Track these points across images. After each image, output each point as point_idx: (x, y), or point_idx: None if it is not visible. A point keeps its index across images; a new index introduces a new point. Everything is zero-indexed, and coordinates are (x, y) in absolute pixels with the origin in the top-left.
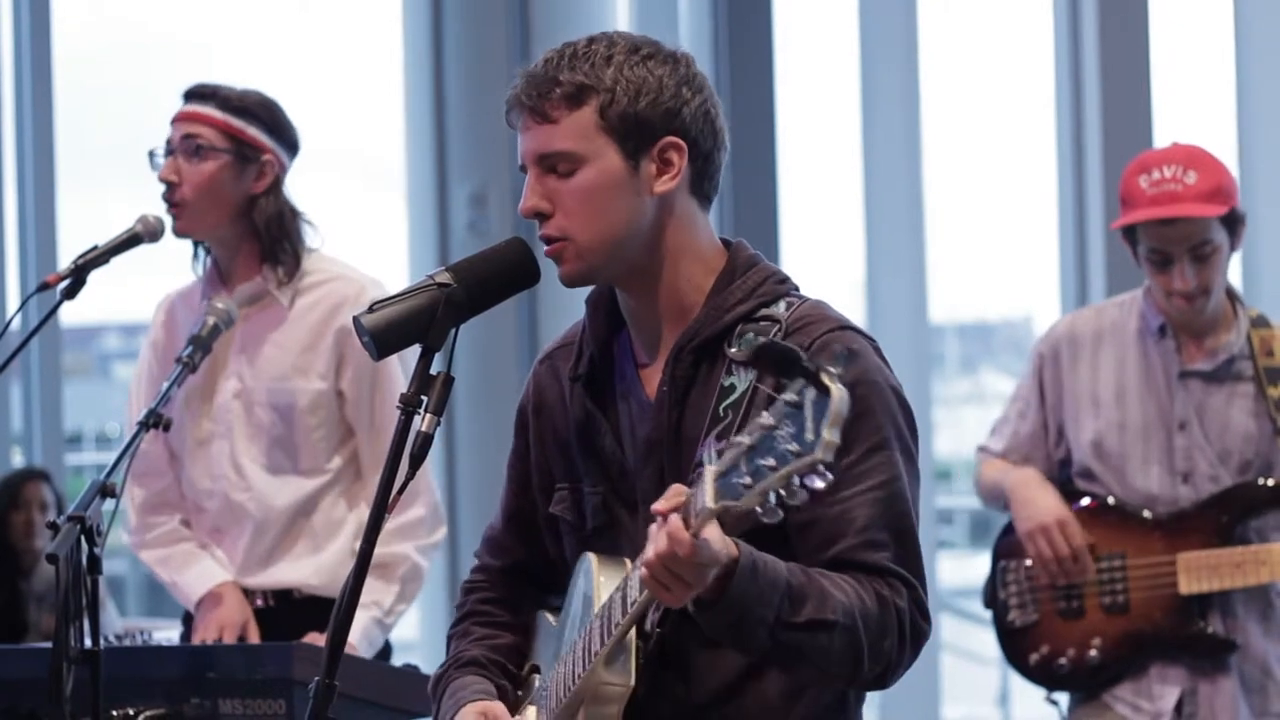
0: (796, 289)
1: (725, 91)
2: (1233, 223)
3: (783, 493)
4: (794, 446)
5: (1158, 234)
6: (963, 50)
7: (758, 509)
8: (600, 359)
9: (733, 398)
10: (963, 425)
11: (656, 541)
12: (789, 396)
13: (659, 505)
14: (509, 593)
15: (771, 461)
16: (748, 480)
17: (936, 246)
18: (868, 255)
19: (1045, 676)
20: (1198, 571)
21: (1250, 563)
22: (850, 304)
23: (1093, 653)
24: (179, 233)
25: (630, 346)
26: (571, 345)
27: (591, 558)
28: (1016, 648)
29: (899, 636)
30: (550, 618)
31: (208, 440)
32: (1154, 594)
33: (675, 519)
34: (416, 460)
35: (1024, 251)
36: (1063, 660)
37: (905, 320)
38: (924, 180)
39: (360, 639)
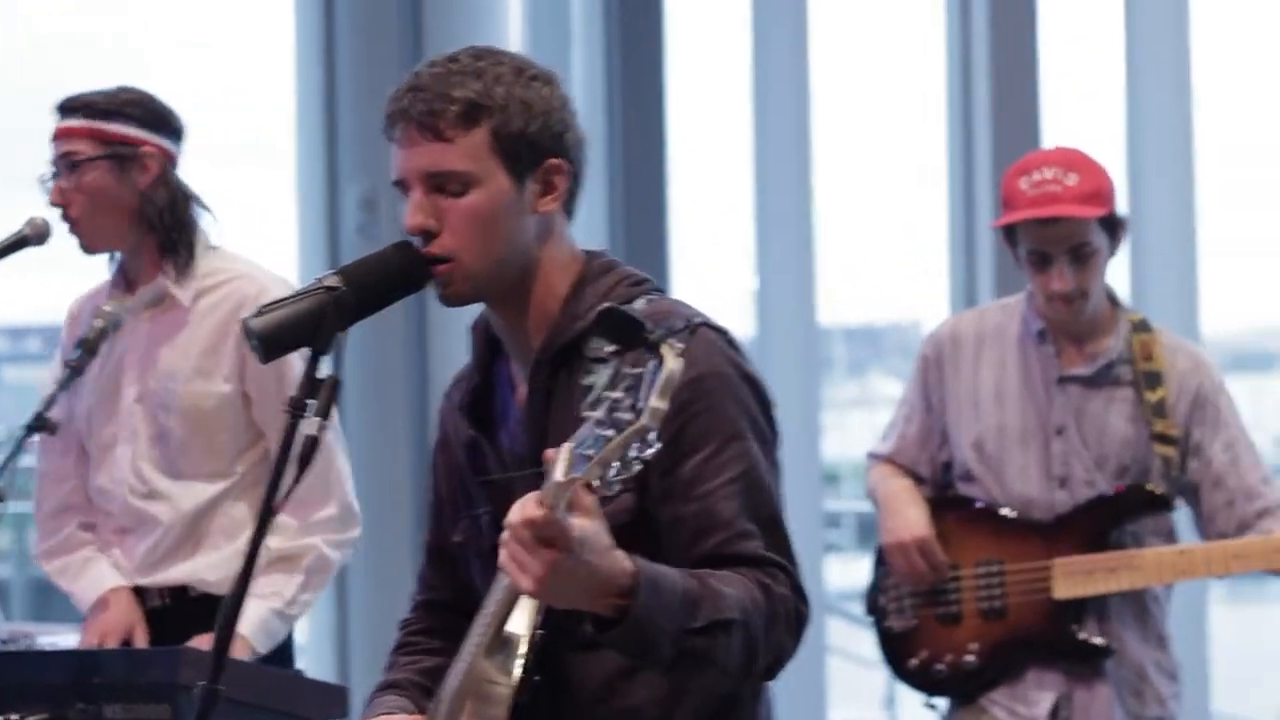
0: (657, 289)
1: (617, 97)
2: (1112, 226)
3: (618, 464)
4: (628, 415)
5: (1037, 234)
6: (853, 54)
7: (597, 481)
8: (485, 384)
9: (592, 396)
10: (850, 429)
11: (510, 514)
12: (632, 368)
13: (549, 452)
14: (437, 623)
15: (611, 432)
16: (590, 451)
17: (825, 250)
18: (757, 260)
19: (923, 681)
20: (1073, 576)
21: (1125, 568)
22: (739, 308)
23: (970, 658)
24: (87, 251)
25: (508, 368)
26: (465, 377)
27: None
28: (896, 653)
29: (785, 624)
30: None
31: (111, 445)
32: (1030, 599)
33: (531, 494)
34: (303, 463)
35: (912, 255)
36: (940, 665)
37: (793, 324)
38: (813, 184)
39: (257, 630)
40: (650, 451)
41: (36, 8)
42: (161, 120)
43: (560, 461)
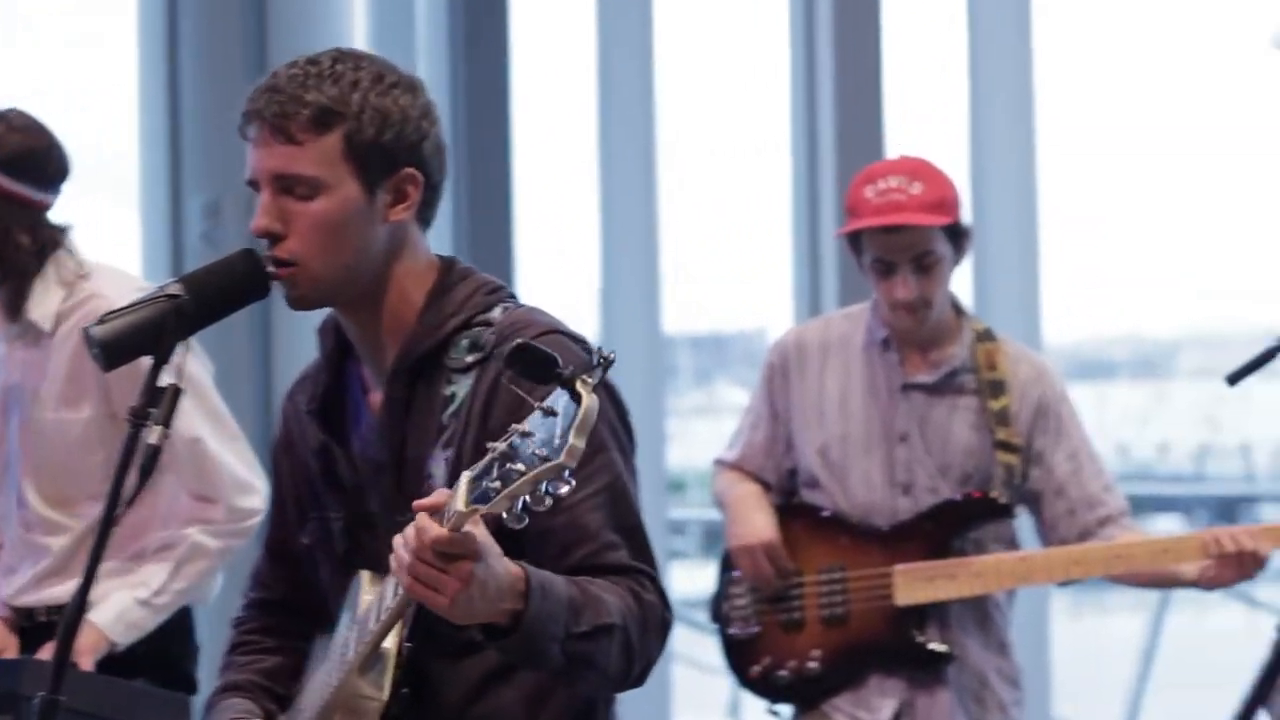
0: (512, 296)
1: (461, 99)
2: (956, 235)
3: (528, 499)
4: (542, 452)
5: (882, 242)
6: (699, 61)
7: (504, 514)
8: (334, 387)
9: (454, 406)
10: (695, 437)
11: (405, 538)
12: (544, 403)
13: (418, 503)
14: (275, 621)
15: (521, 467)
16: (498, 485)
17: (670, 258)
18: (603, 267)
19: (767, 688)
20: (914, 583)
21: (965, 575)
22: (585, 315)
23: (812, 664)
24: None
25: (359, 371)
26: (309, 378)
27: (364, 575)
28: (739, 659)
29: (655, 631)
30: (324, 640)
31: (1, 474)
32: (872, 605)
33: (423, 516)
34: (145, 472)
35: (758, 263)
36: (783, 672)
37: (639, 332)
38: (658, 191)
39: (114, 621)
40: (565, 489)
41: None
42: (51, 176)
43: (461, 490)
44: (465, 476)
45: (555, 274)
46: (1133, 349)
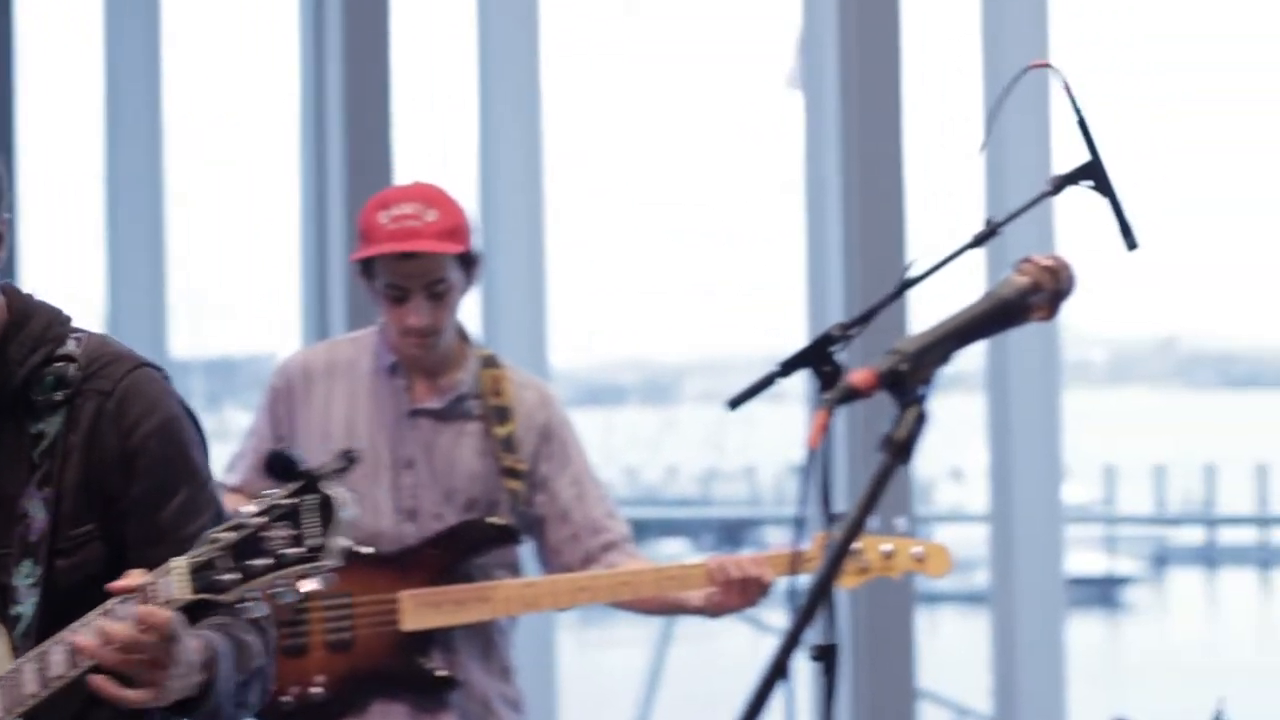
0: (77, 324)
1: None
2: (469, 263)
3: (274, 590)
4: (294, 550)
5: (395, 269)
6: (206, 86)
7: (242, 602)
8: None
9: (45, 444)
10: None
11: (113, 625)
12: (286, 498)
13: (116, 584)
14: None
15: (268, 561)
16: (236, 575)
17: (179, 283)
18: (109, 292)
19: (271, 713)
20: (420, 609)
21: (473, 600)
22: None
23: (316, 690)
24: None
25: None
26: None
27: None
28: None
29: (274, 655)
30: None
31: None
32: (377, 631)
33: (146, 605)
34: None
35: (267, 288)
36: (287, 697)
37: (146, 355)
38: (165, 215)
39: None
40: (321, 585)
41: None
42: None
43: (178, 579)
44: (183, 563)
45: (59, 298)
46: (640, 374)
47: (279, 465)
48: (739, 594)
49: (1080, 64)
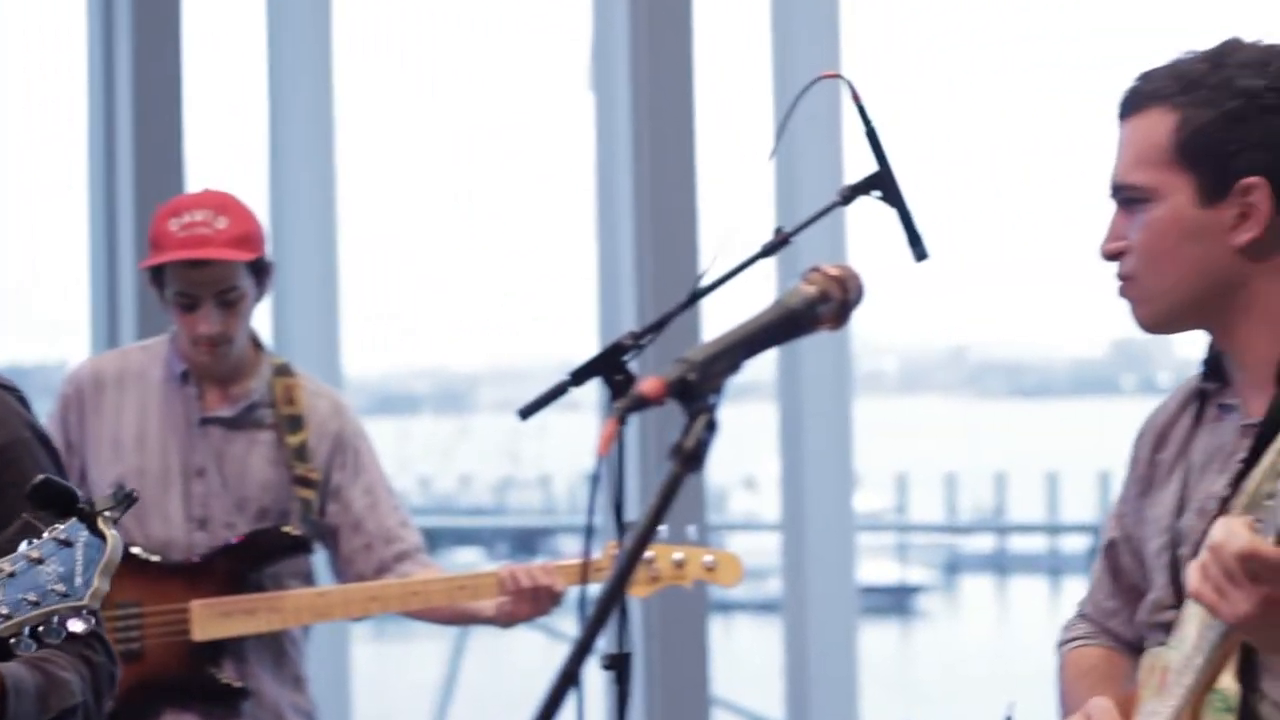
0: None
1: None
2: (260, 271)
3: (41, 629)
4: (60, 587)
5: (186, 277)
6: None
7: (12, 639)
8: None
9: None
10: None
11: None
12: (60, 535)
13: None
14: None
15: (34, 597)
16: (4, 610)
17: None
18: None
19: None
20: (211, 619)
21: (264, 609)
22: None
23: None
24: None
25: None
26: None
27: None
28: None
29: (106, 689)
30: None
31: None
32: (168, 641)
33: None
34: None
35: (54, 294)
36: None
37: None
38: None
39: None
40: (83, 627)
41: None
42: None
43: None
44: None
45: None
46: (435, 383)
47: (50, 495)
48: (530, 603)
49: (871, 73)
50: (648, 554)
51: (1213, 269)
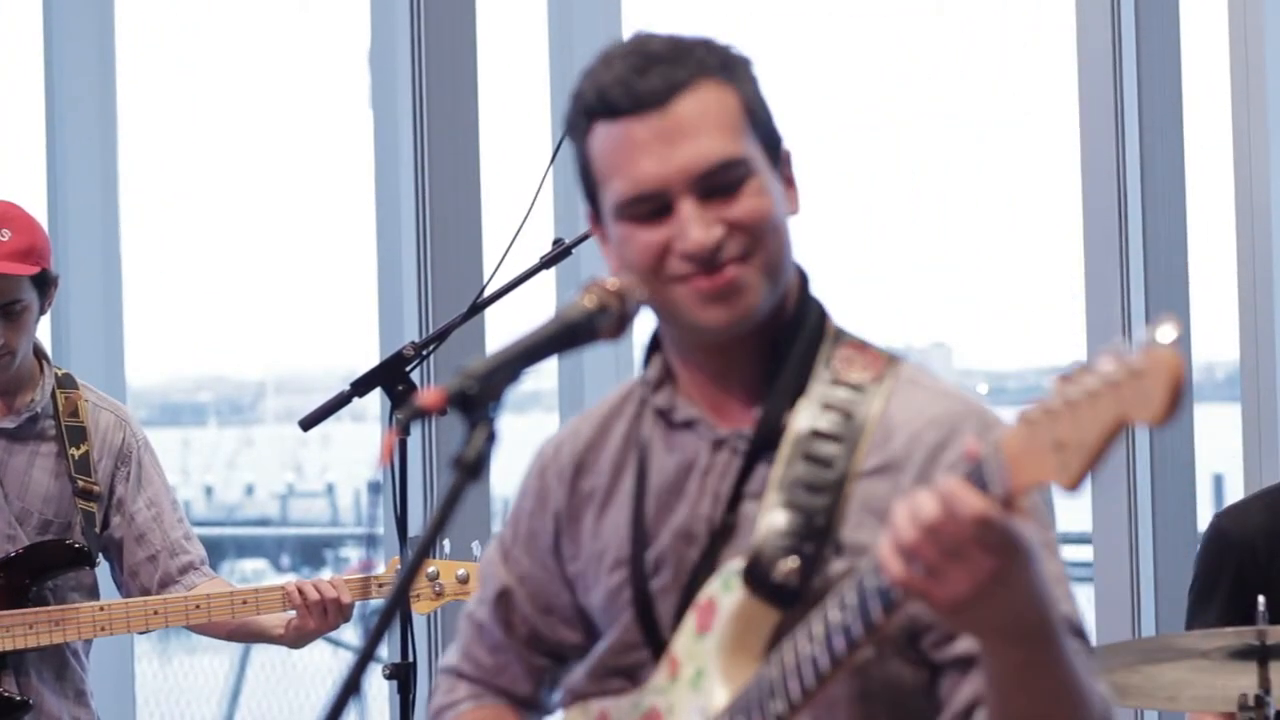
0: None
1: None
2: (44, 284)
3: None
4: None
5: None
6: None
7: None
8: None
9: None
10: None
11: None
12: None
13: None
14: None
15: None
16: None
17: None
18: None
19: None
20: None
21: (45, 623)
22: None
23: None
24: None
25: None
26: None
27: None
28: None
29: None
30: None
31: None
32: None
33: None
34: None
35: None
36: None
37: None
38: None
39: None
40: None
41: None
42: None
43: None
44: None
45: None
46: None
47: None
48: (319, 617)
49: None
50: (430, 569)
51: None
